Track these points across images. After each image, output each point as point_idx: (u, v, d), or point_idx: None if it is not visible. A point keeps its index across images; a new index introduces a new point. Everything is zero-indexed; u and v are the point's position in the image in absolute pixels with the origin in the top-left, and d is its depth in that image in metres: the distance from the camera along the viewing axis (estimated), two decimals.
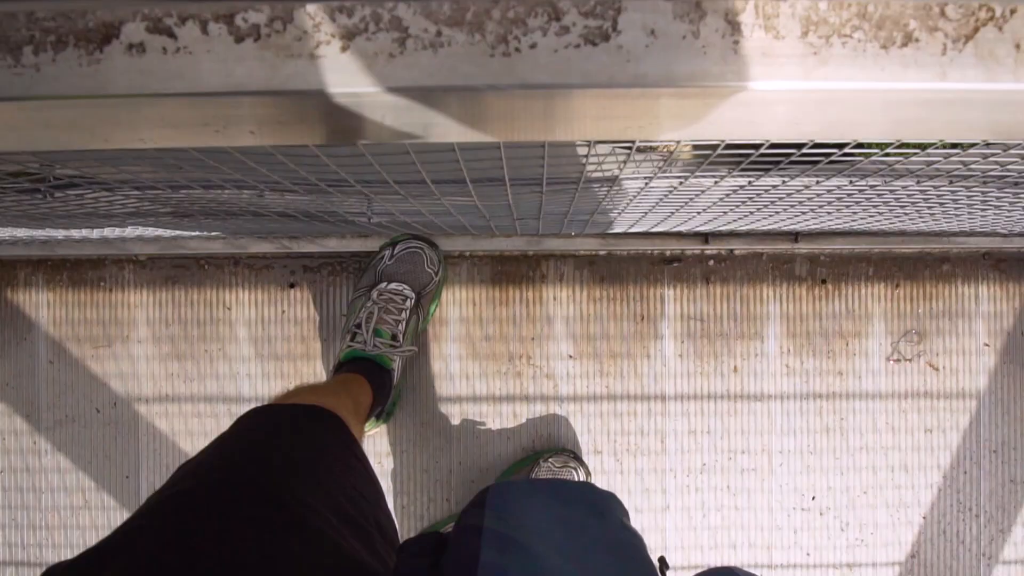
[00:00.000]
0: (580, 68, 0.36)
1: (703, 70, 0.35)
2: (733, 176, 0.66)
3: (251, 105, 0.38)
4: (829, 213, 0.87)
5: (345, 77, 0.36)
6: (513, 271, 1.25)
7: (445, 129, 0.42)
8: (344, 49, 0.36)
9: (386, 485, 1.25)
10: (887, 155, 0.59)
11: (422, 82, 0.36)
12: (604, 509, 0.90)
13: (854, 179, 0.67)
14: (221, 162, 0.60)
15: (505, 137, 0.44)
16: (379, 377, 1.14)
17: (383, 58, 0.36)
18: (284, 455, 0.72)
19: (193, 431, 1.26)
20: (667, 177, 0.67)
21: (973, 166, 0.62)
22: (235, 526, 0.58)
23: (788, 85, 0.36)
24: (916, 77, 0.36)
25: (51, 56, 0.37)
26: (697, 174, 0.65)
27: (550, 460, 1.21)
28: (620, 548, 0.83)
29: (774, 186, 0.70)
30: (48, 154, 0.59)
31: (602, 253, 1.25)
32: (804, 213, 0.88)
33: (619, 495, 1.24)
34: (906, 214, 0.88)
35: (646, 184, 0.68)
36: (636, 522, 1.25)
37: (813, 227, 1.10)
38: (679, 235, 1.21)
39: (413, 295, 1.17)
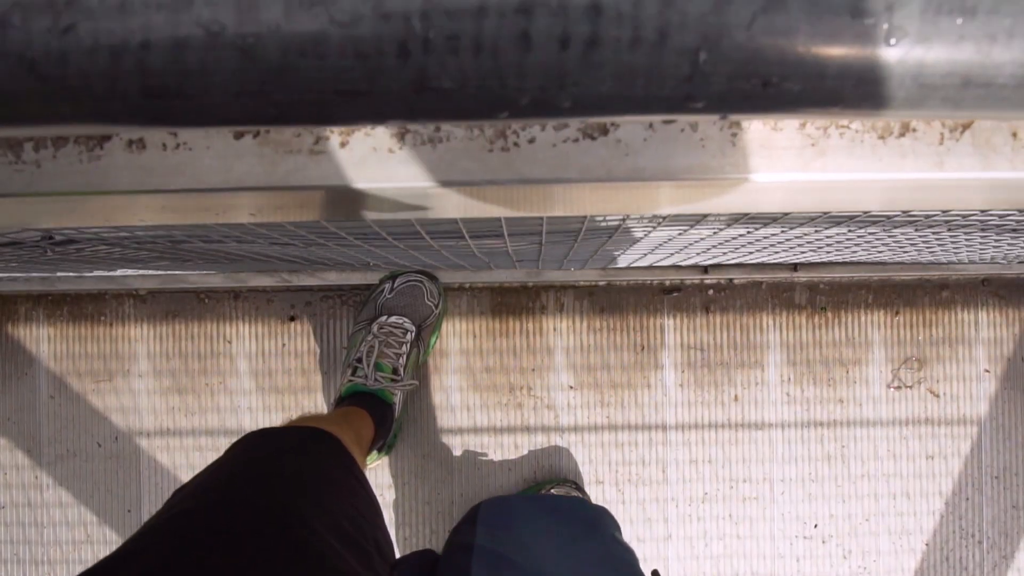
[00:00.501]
0: (578, 162, 0.36)
1: (701, 163, 0.36)
2: (732, 227, 0.66)
3: (251, 196, 0.38)
4: (828, 252, 0.87)
5: (345, 172, 0.36)
6: (513, 302, 1.25)
7: (445, 209, 0.42)
8: (343, 145, 0.36)
9: (388, 517, 1.25)
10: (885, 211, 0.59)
11: (421, 178, 0.36)
12: (596, 523, 0.90)
13: (853, 228, 0.67)
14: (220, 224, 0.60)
15: (505, 214, 0.44)
16: (380, 411, 1.14)
17: (382, 153, 0.36)
18: (289, 476, 0.72)
19: (195, 464, 1.25)
20: (666, 228, 0.67)
21: (971, 217, 0.62)
22: (234, 546, 0.58)
23: (786, 177, 0.36)
24: (913, 167, 0.36)
25: (52, 152, 0.37)
26: (696, 227, 0.65)
27: (552, 491, 1.20)
28: (612, 562, 0.83)
29: (773, 234, 0.70)
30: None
31: (602, 284, 1.25)
32: (804, 253, 0.88)
33: (621, 525, 1.24)
34: (905, 252, 0.88)
35: (645, 235, 0.69)
36: (638, 552, 1.25)
37: (812, 259, 1.10)
38: (678, 266, 1.21)
39: (413, 328, 1.17)
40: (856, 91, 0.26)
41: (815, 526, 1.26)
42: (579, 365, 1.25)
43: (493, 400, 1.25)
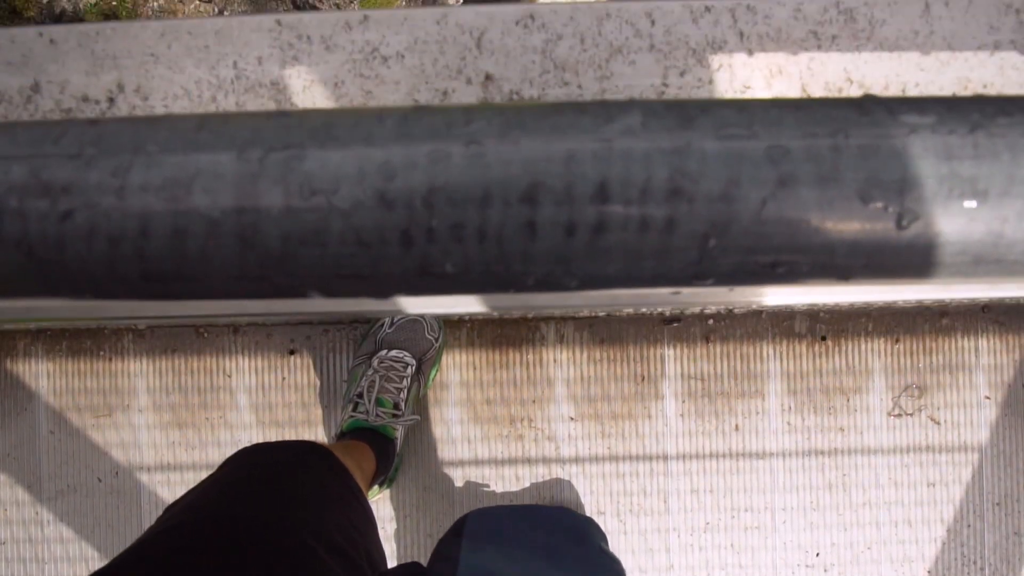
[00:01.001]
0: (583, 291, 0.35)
1: (709, 290, 0.35)
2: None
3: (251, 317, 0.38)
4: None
5: (343, 303, 0.36)
6: (513, 334, 1.25)
7: (447, 310, 0.42)
8: None
9: (389, 549, 1.25)
10: None
11: (424, 306, 0.36)
12: (583, 534, 0.91)
13: None
14: None
15: (508, 310, 0.44)
16: (382, 446, 1.14)
17: None
18: (279, 489, 0.72)
19: None
20: None
21: None
22: (225, 558, 0.58)
23: (793, 299, 0.36)
24: (918, 291, 0.36)
25: None
26: None
27: None
28: (599, 573, 0.83)
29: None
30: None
31: (601, 315, 1.25)
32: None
33: (623, 556, 1.24)
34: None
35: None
36: None
37: None
38: None
39: (414, 362, 1.17)
40: (866, 269, 0.25)
41: (817, 555, 1.26)
42: (580, 396, 1.25)
43: (494, 432, 1.25)
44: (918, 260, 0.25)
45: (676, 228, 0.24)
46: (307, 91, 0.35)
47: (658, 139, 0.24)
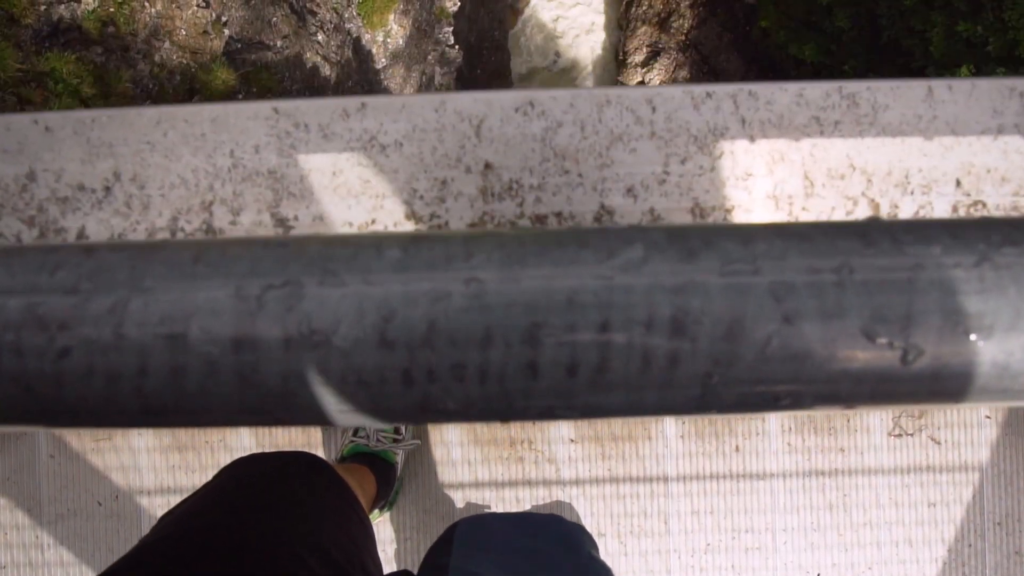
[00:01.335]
0: None
1: None
2: None
3: None
4: None
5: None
6: None
7: None
8: None
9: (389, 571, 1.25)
10: None
11: None
12: (573, 541, 0.91)
13: None
14: None
15: None
16: (383, 471, 1.14)
17: None
18: (274, 501, 0.72)
19: None
20: None
21: None
22: (217, 568, 0.58)
23: None
24: None
25: None
26: None
27: None
28: None
29: None
30: None
31: None
32: None
33: None
34: None
35: None
36: None
37: None
38: None
39: None
40: (870, 398, 0.25)
41: (818, 575, 1.26)
42: None
43: (494, 454, 1.25)
44: (922, 391, 0.25)
45: (679, 366, 0.24)
46: (304, 180, 0.35)
47: (660, 275, 0.24)
